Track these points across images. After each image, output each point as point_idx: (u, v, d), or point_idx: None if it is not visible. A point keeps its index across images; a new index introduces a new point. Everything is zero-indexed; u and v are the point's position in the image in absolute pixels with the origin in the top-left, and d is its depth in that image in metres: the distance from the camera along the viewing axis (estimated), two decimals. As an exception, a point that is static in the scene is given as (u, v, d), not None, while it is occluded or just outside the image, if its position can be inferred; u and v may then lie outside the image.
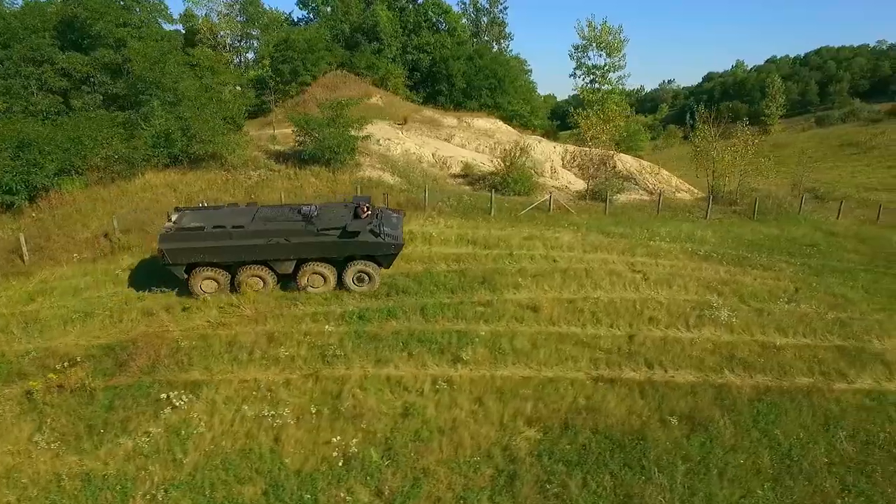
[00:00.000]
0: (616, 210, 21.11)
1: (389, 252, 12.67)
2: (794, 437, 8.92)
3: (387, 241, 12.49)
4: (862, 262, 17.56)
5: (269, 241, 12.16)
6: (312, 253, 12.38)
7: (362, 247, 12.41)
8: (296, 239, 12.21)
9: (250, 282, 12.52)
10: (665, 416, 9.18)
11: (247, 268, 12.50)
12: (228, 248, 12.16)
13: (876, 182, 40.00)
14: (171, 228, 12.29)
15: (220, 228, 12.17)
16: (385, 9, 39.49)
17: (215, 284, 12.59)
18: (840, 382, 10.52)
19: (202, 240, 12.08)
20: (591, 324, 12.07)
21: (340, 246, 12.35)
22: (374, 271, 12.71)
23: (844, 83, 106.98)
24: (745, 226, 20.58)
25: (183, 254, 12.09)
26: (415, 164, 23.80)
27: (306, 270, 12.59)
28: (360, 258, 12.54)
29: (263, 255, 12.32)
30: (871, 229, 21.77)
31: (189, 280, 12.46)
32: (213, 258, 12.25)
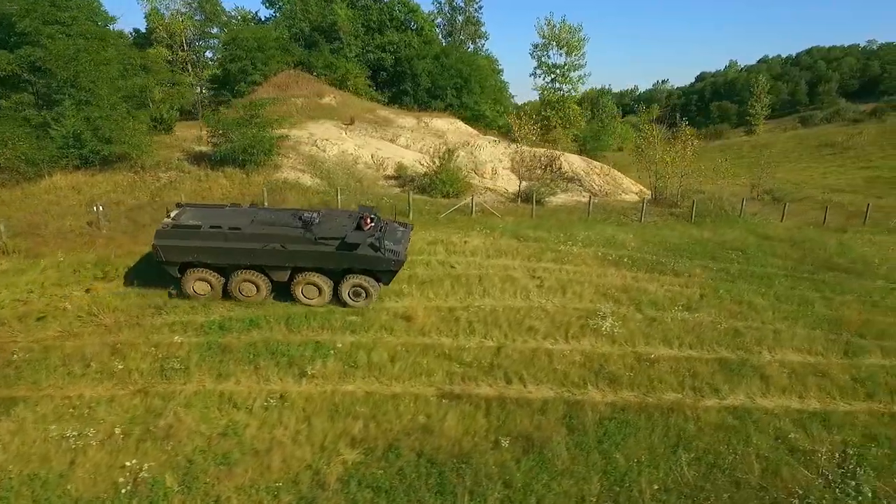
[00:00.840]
0: (545, 213, 20.52)
1: (389, 268, 11.92)
2: (635, 460, 8.31)
3: (387, 255, 11.74)
4: (786, 266, 16.94)
5: (264, 247, 11.70)
6: (308, 262, 11.84)
7: (360, 260, 11.73)
8: (292, 246, 11.69)
9: (244, 287, 12.16)
10: (501, 436, 8.58)
11: (241, 272, 12.06)
12: (223, 250, 11.77)
13: (844, 183, 39.37)
14: (168, 225, 11.93)
15: (217, 229, 11.76)
16: (344, 7, 38.90)
17: (208, 287, 12.23)
18: (710, 398, 9.92)
19: (198, 239, 11.73)
20: (465, 334, 11.48)
21: (338, 257, 11.75)
22: (371, 287, 12.01)
23: (833, 83, 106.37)
24: (677, 229, 19.98)
25: (177, 252, 11.78)
26: (349, 165, 23.21)
27: (301, 280, 12.05)
28: (358, 272, 11.92)
29: (258, 261, 11.87)
30: (811, 233, 21.14)
31: (182, 280, 12.12)
32: (207, 259, 11.87)
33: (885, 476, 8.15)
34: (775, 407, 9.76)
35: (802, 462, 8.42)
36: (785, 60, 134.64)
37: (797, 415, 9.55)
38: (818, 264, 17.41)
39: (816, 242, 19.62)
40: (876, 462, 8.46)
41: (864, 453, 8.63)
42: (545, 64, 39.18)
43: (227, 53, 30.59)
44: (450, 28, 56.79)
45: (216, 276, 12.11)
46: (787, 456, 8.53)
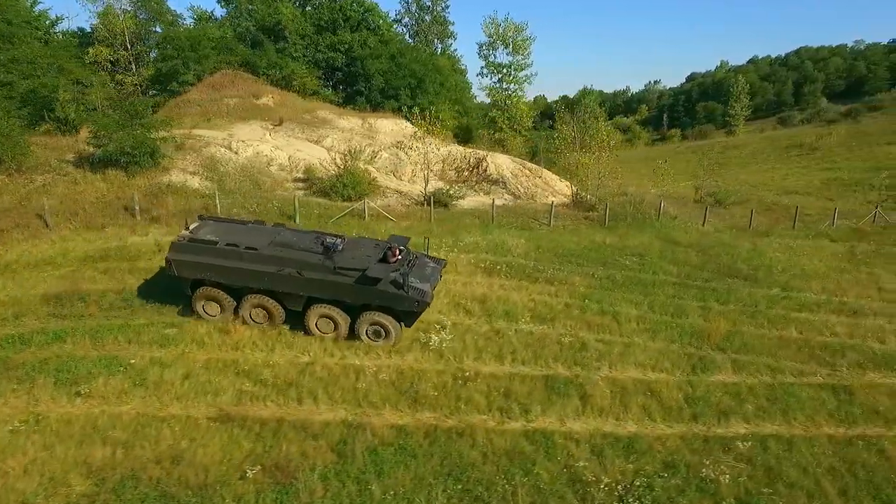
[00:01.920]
0: (448, 216, 19.80)
1: (411, 309, 10.69)
2: (392, 492, 7.60)
3: (410, 294, 10.50)
4: (680, 273, 16.22)
5: (279, 271, 10.76)
6: (324, 292, 10.83)
7: (380, 297, 10.60)
8: (309, 273, 10.72)
9: (255, 313, 11.27)
10: (251, 466, 7.86)
11: (254, 296, 11.16)
12: (237, 271, 10.91)
13: (803, 184, 38.62)
14: (184, 238, 11.28)
15: (233, 247, 10.92)
16: (290, 6, 38.22)
17: (218, 308, 11.39)
18: (517, 421, 9.22)
19: (212, 256, 10.93)
20: (281, 348, 10.79)
21: (356, 291, 10.67)
22: (392, 326, 10.86)
23: (818, 83, 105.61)
24: (583, 233, 19.25)
25: (190, 268, 11.02)
26: (261, 167, 22.49)
27: (316, 311, 11.03)
28: (377, 309, 10.82)
29: (272, 285, 10.93)
30: (727, 237, 20.43)
31: (192, 297, 11.41)
32: (220, 278, 11.05)
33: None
34: (584, 430, 9.05)
35: (579, 495, 7.71)
36: (774, 61, 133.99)
37: (602, 439, 8.84)
38: (718, 271, 16.69)
39: (727, 248, 18.90)
40: (662, 494, 7.75)
41: (652, 484, 7.92)
42: (492, 63, 38.45)
43: (158, 53, 29.91)
44: (417, 28, 56.10)
45: (228, 297, 11.26)
46: (565, 488, 7.82)
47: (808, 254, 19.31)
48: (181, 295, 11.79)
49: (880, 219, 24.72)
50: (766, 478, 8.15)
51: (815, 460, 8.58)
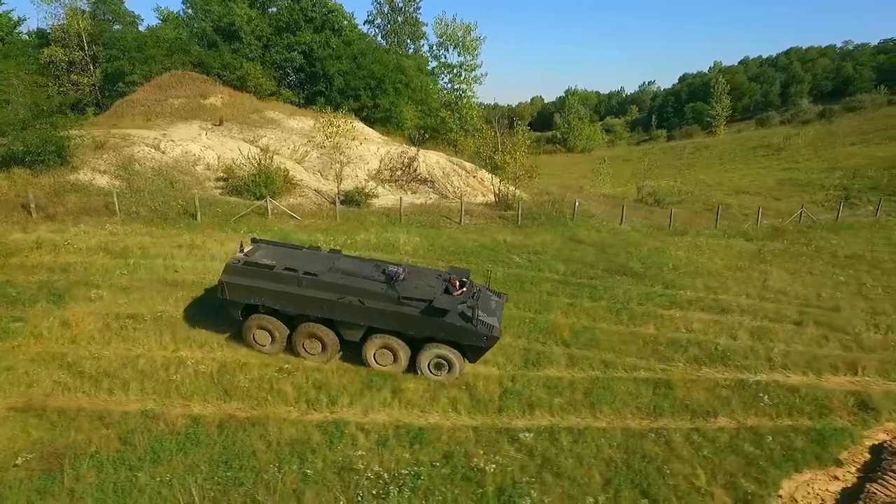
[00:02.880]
0: (359, 215, 20.03)
1: (478, 344, 10.18)
2: (158, 479, 7.80)
3: (479, 329, 10.07)
4: (567, 271, 16.38)
5: (340, 299, 10.29)
6: (387, 323, 10.33)
7: (447, 330, 10.12)
8: (372, 303, 10.25)
9: (308, 343, 10.74)
10: (31, 452, 8.09)
11: (309, 325, 10.62)
12: (295, 297, 10.40)
13: (758, 184, 38.60)
14: (239, 260, 10.80)
15: (291, 272, 10.46)
16: (245, 7, 38.52)
17: (269, 338, 10.86)
18: (322, 412, 9.43)
19: (269, 280, 10.43)
20: (118, 341, 11.00)
21: (422, 323, 10.20)
22: (456, 359, 10.37)
23: (805, 84, 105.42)
24: (489, 232, 19.44)
25: (244, 292, 10.53)
26: (186, 167, 22.77)
27: (375, 342, 10.54)
28: (442, 342, 10.35)
29: (331, 314, 10.43)
30: (634, 236, 20.59)
31: (243, 325, 10.89)
32: (276, 304, 10.53)
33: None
34: (382, 421, 9.27)
35: (344, 483, 7.90)
36: (764, 61, 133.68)
37: (394, 430, 9.05)
38: (608, 269, 16.85)
39: (630, 246, 19.06)
40: (425, 483, 7.94)
41: (420, 473, 8.10)
42: (443, 64, 38.71)
43: (104, 54, 30.24)
44: (388, 29, 56.36)
45: (281, 326, 10.73)
46: (333, 476, 8.02)
47: (713, 252, 19.44)
48: (16, 298, 12.04)
49: (806, 219, 24.80)
50: (536, 468, 8.32)
51: (597, 451, 8.76)
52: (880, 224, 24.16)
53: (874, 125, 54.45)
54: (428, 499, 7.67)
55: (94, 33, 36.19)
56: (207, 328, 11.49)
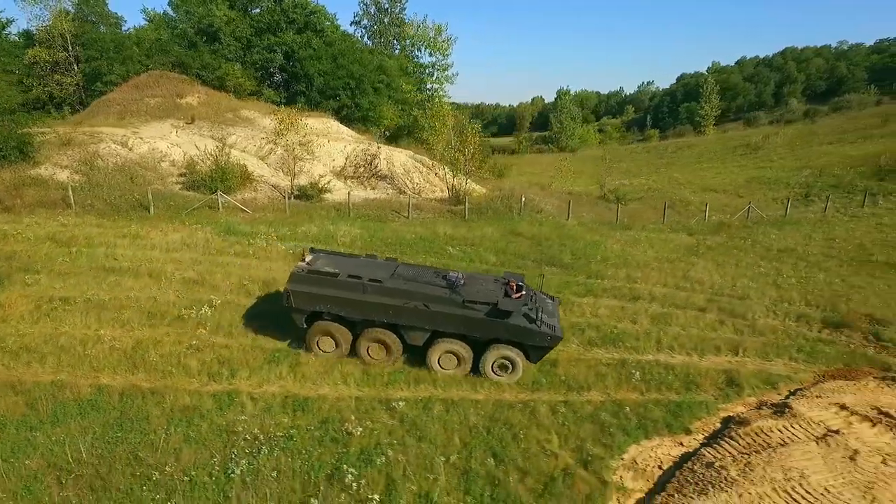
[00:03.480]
0: (308, 208, 20.89)
1: (542, 344, 10.59)
2: (53, 438, 8.65)
3: (543, 329, 10.49)
4: (496, 262, 17.18)
5: (405, 304, 10.66)
6: (452, 326, 10.69)
7: (512, 331, 10.50)
8: (436, 307, 10.61)
9: (372, 348, 11.14)
10: (-60, 415, 8.96)
11: (372, 330, 11.03)
12: (360, 303, 10.77)
13: (728, 182, 39.17)
14: (303, 269, 11.21)
15: (356, 279, 10.85)
16: (224, 8, 39.49)
17: (333, 344, 11.25)
18: (220, 383, 10.24)
19: (334, 288, 10.82)
20: (45, 321, 11.86)
21: (486, 325, 10.55)
22: (520, 359, 10.74)
23: (798, 84, 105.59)
24: (434, 225, 20.24)
25: (309, 299, 10.89)
26: (152, 163, 23.69)
27: (440, 346, 10.89)
28: (505, 343, 10.75)
29: (396, 319, 10.77)
30: (575, 230, 21.33)
31: (307, 332, 11.29)
32: (341, 311, 10.92)
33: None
34: (272, 392, 10.06)
35: (221, 442, 8.69)
36: (760, 61, 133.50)
37: (282, 399, 9.84)
38: (539, 259, 17.63)
39: (568, 239, 19.83)
40: (297, 444, 8.72)
41: (293, 435, 8.88)
42: (414, 64, 39.50)
43: (83, 54, 31.25)
44: (375, 29, 57.18)
45: (346, 332, 11.14)
46: (214, 437, 8.81)
47: (649, 246, 20.15)
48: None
49: (755, 215, 25.44)
50: (402, 432, 9.11)
51: (464, 419, 9.53)
52: (826, 220, 24.77)
53: (854, 125, 54.83)
54: (294, 457, 8.47)
55: (77, 34, 37.22)
56: (131, 310, 12.34)
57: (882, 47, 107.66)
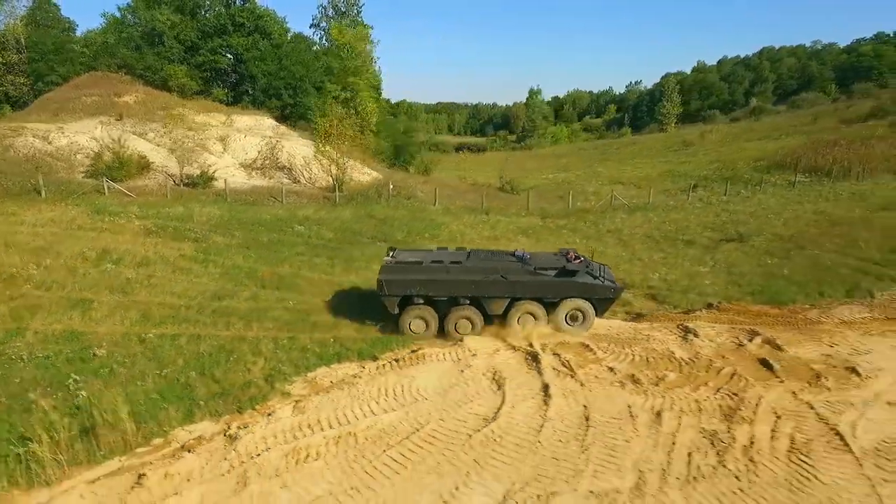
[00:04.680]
0: (191, 194, 23.45)
1: (607, 296, 12.42)
2: None
3: (606, 283, 12.40)
4: (332, 238, 19.67)
5: (485, 278, 12.30)
6: (528, 292, 12.37)
7: (580, 288, 12.27)
8: (513, 276, 12.30)
9: (460, 324, 12.69)
10: None
11: (457, 308, 12.62)
12: (445, 283, 12.35)
13: (643, 175, 41.35)
14: (391, 262, 12.92)
15: (439, 263, 12.75)
16: (168, 13, 42.17)
17: (424, 325, 12.79)
18: (19, 323, 12.78)
19: (420, 273, 12.50)
20: None
21: (557, 285, 12.31)
22: (589, 309, 12.49)
23: (769, 83, 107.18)
24: (301, 210, 22.88)
25: (400, 285, 12.39)
26: (67, 155, 26.39)
27: (519, 308, 12.53)
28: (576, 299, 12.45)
29: (479, 292, 12.36)
30: (435, 214, 23.80)
31: (400, 317, 12.80)
32: (429, 291, 12.43)
33: None
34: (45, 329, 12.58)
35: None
36: (740, 61, 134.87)
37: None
38: (375, 236, 20.25)
39: (415, 221, 22.33)
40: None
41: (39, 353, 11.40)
42: (339, 63, 42.08)
43: (27, 56, 34.01)
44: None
45: (433, 313, 12.68)
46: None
47: (492, 227, 22.55)
48: None
49: (617, 202, 27.75)
50: (141, 355, 11.58)
51: (197, 348, 11.98)
52: (681, 207, 27.01)
53: (791, 122, 56.85)
54: (43, 369, 10.96)
55: (30, 38, 40.15)
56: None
57: (852, 48, 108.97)
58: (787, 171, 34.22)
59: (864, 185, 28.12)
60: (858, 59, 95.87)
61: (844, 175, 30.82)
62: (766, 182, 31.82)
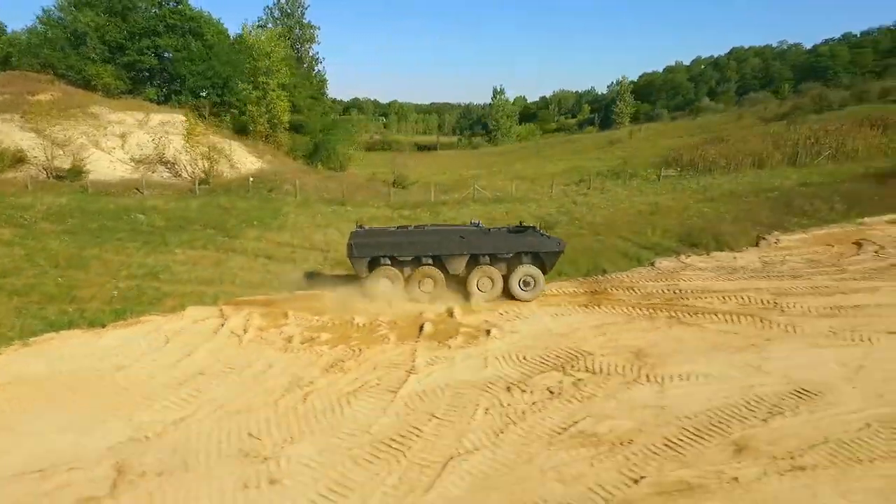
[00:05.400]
0: (53, 186, 24.96)
1: (554, 249, 14.01)
2: None
3: (553, 239, 14.24)
4: (165, 226, 21.02)
5: (446, 238, 13.87)
6: (484, 248, 13.79)
7: (531, 244, 13.90)
8: (469, 237, 13.89)
9: (423, 282, 13.89)
10: None
11: (421, 268, 13.79)
12: (410, 244, 13.75)
13: (547, 172, 42.54)
14: (360, 230, 14.43)
15: (404, 228, 14.89)
16: (91, 14, 43.67)
17: (390, 284, 13.92)
18: None
19: (387, 237, 14.13)
20: None
21: (511, 241, 13.90)
22: (538, 277, 13.86)
23: (732, 83, 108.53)
24: (148, 200, 24.19)
25: (369, 248, 13.71)
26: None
27: (476, 272, 13.83)
28: (527, 256, 13.90)
29: (440, 250, 13.71)
30: (284, 206, 25.16)
31: (369, 278, 13.91)
32: (396, 252, 13.71)
33: None
34: None
35: None
36: (713, 61, 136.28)
37: None
38: (206, 224, 21.46)
39: (256, 209, 23.71)
40: None
41: None
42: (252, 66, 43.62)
43: (-59, 56, 35.62)
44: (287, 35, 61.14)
45: (399, 273, 13.84)
46: None
47: (322, 217, 23.89)
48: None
49: (479, 195, 29.15)
50: None
51: None
52: (538, 200, 28.32)
53: (721, 120, 58.12)
54: None
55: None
56: None
57: (816, 48, 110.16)
58: (671, 167, 35.56)
59: (721, 179, 29.47)
60: (817, 59, 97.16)
61: (713, 170, 32.15)
62: (643, 178, 33.17)
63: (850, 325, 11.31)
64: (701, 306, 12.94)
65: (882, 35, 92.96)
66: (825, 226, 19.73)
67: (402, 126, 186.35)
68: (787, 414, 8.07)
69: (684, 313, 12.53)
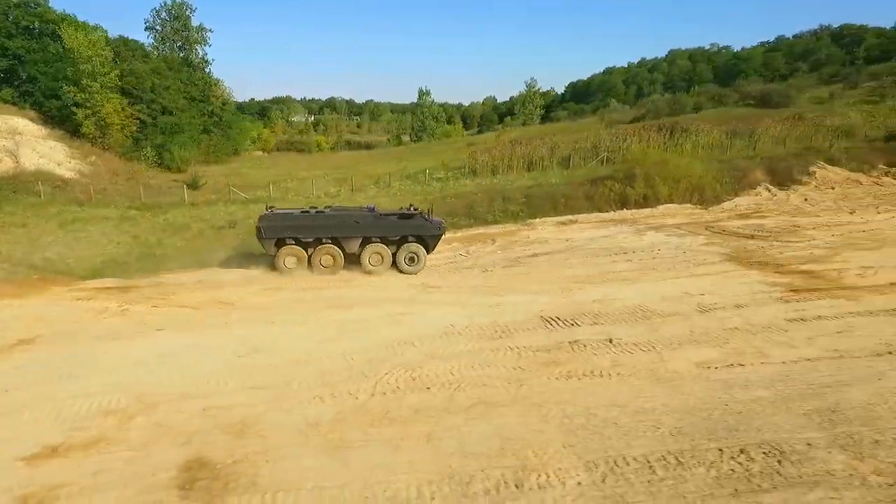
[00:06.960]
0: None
1: (435, 233, 16.27)
2: None
3: (433, 223, 16.30)
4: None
5: (343, 222, 15.87)
6: (375, 231, 15.96)
7: (415, 228, 16.04)
8: (364, 221, 15.97)
9: (324, 259, 15.91)
10: None
11: (321, 247, 15.82)
12: (313, 227, 15.75)
13: (398, 170, 42.18)
14: (268, 213, 16.17)
15: (306, 212, 16.45)
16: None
17: (295, 261, 15.85)
18: None
19: (293, 219, 15.97)
20: None
21: (398, 226, 16.02)
22: (422, 254, 16.17)
23: (657, 85, 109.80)
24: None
25: (275, 230, 15.62)
26: None
27: (368, 250, 15.99)
28: (412, 238, 16.04)
29: (338, 233, 15.78)
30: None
31: (276, 256, 15.84)
32: (300, 234, 15.68)
33: None
34: None
35: None
36: (655, 63, 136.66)
37: None
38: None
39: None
40: None
41: None
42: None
43: None
44: (164, 34, 60.97)
45: (303, 252, 15.83)
46: None
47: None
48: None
49: (236, 196, 29.49)
50: None
51: None
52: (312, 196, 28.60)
53: (617, 119, 58.37)
54: None
55: None
56: None
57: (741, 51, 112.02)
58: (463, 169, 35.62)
59: (484, 180, 29.75)
60: (735, 62, 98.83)
61: (491, 172, 32.54)
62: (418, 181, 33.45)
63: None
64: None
65: (797, 40, 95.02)
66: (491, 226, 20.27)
67: (374, 126, 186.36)
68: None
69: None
